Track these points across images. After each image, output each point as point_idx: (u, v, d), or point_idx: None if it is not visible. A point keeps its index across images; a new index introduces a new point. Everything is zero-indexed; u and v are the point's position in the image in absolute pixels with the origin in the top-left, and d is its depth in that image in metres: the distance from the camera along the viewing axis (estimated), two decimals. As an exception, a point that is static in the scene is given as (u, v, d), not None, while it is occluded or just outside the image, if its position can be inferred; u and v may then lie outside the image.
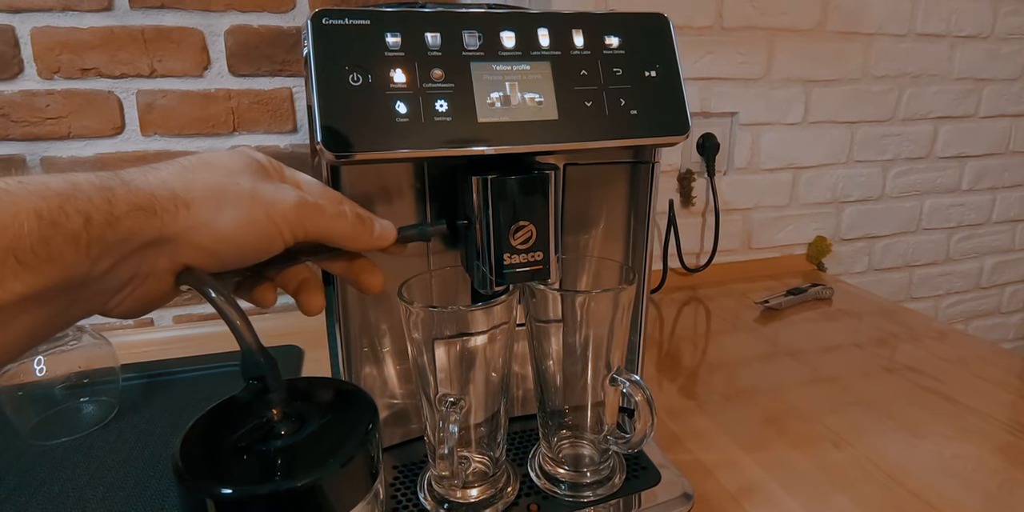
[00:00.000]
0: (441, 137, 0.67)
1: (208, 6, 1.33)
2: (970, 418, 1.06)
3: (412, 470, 0.88)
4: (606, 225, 0.94)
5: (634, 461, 0.90)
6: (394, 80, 0.66)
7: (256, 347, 0.60)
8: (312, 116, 0.65)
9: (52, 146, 1.33)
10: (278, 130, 1.43)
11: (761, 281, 1.74)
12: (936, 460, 0.96)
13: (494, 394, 0.79)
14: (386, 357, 0.90)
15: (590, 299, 0.78)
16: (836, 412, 1.08)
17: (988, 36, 1.91)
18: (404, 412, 0.93)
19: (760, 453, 0.98)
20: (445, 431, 0.70)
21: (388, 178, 0.81)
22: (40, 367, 1.00)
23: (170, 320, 1.50)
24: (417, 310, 0.72)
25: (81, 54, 1.30)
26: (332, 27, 0.66)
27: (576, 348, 0.80)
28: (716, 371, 1.25)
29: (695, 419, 1.07)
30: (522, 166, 0.74)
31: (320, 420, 0.64)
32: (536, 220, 0.73)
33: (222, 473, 0.57)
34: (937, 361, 1.26)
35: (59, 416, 1.03)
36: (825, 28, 1.70)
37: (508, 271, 0.74)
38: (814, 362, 1.27)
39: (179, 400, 1.11)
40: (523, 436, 0.95)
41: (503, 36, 0.71)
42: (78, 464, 0.94)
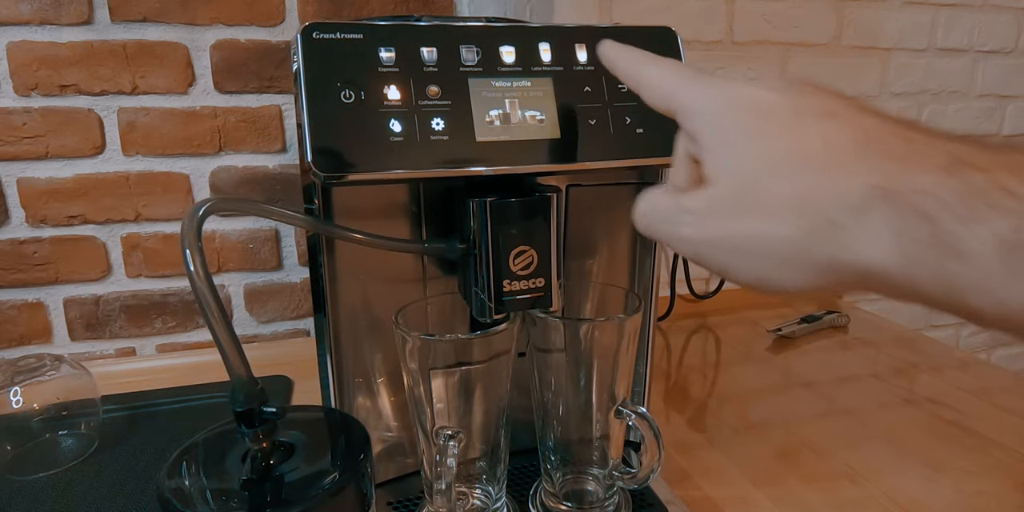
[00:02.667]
0: (437, 157, 0.67)
1: (193, 20, 1.34)
2: (994, 452, 1.06)
3: (408, 507, 0.88)
4: (610, 250, 0.94)
5: (640, 497, 0.90)
6: (388, 97, 0.67)
7: (247, 377, 0.60)
8: (302, 135, 0.65)
9: (29, 167, 1.33)
10: (266, 150, 1.44)
11: (773, 308, 1.74)
12: (958, 497, 0.96)
13: (494, 427, 0.79)
14: (380, 388, 0.90)
15: (594, 328, 0.78)
16: (852, 446, 1.08)
17: (1012, 51, 1.92)
18: (399, 445, 0.93)
19: (773, 489, 0.98)
20: (442, 465, 0.70)
21: (382, 200, 0.81)
22: (16, 399, 1.00)
23: (153, 349, 1.50)
24: (413, 339, 0.73)
25: (59, 70, 1.30)
26: (323, 42, 0.66)
27: (579, 379, 0.80)
28: (726, 403, 1.25)
29: (704, 453, 1.07)
30: (523, 188, 0.75)
31: (309, 449, 0.64)
32: (537, 245, 0.74)
33: (209, 506, 0.57)
34: (958, 392, 1.26)
35: (36, 450, 1.03)
36: (841, 42, 1.71)
37: (508, 298, 0.74)
38: (829, 393, 1.27)
39: (163, 433, 1.11)
40: (524, 471, 0.95)
41: (502, 51, 0.71)
42: (56, 500, 0.94)
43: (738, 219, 0.45)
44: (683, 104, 0.50)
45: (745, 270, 0.47)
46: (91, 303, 1.43)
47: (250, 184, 1.44)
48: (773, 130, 0.45)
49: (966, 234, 0.36)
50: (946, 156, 0.38)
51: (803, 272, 0.44)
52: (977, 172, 0.37)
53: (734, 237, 0.46)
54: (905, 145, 0.40)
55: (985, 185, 0.36)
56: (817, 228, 0.42)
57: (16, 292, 1.39)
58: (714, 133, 0.48)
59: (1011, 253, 0.35)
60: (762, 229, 0.44)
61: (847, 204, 0.40)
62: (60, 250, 1.39)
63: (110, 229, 1.40)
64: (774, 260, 0.45)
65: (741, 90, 0.48)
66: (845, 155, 0.41)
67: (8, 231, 1.35)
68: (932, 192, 0.37)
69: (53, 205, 1.36)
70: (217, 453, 0.64)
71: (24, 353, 1.24)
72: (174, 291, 1.47)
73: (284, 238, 1.50)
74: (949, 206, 0.37)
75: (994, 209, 0.36)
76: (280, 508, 0.57)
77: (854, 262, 0.41)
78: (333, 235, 0.75)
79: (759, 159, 0.45)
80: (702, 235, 0.48)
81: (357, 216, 0.79)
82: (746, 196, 0.45)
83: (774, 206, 0.43)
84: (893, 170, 0.39)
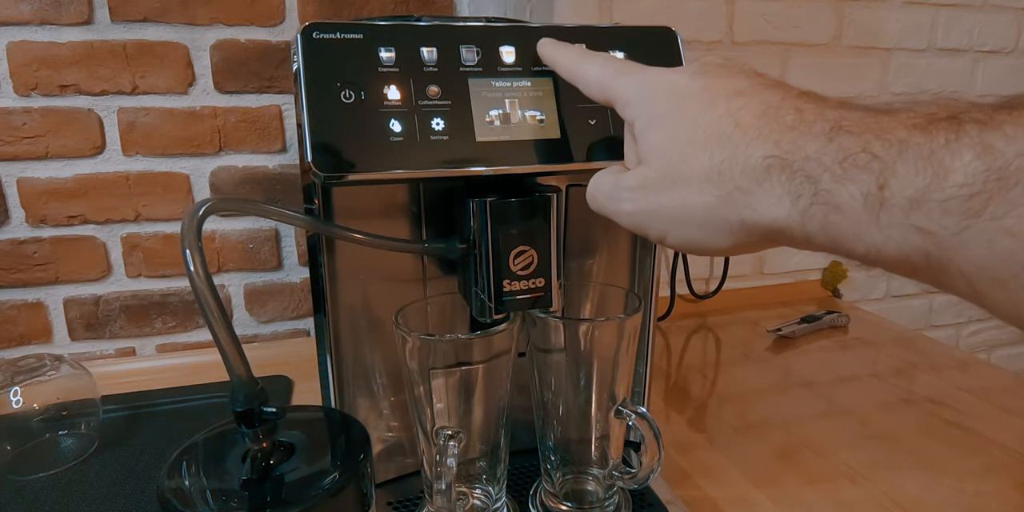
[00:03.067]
0: (437, 157, 0.67)
1: (193, 20, 1.34)
2: (994, 452, 1.06)
3: (407, 506, 0.88)
4: (610, 250, 0.94)
5: (640, 497, 0.90)
6: (388, 97, 0.67)
7: (247, 377, 0.60)
8: (302, 135, 0.65)
9: (29, 167, 1.33)
10: (266, 150, 1.44)
11: (774, 308, 1.74)
12: (958, 497, 0.96)
13: (494, 427, 0.79)
14: (380, 388, 0.90)
15: (594, 328, 0.78)
16: (852, 446, 1.08)
17: (1012, 51, 1.92)
18: (399, 445, 0.93)
19: (773, 489, 0.98)
20: (442, 465, 0.70)
21: (382, 200, 0.81)
22: (16, 399, 1.00)
23: (153, 349, 1.51)
24: (413, 339, 0.73)
25: (59, 70, 1.31)
26: (323, 42, 0.66)
27: (579, 379, 0.80)
28: (726, 403, 1.25)
29: (704, 453, 1.07)
30: (523, 188, 0.75)
31: (309, 449, 0.64)
32: (537, 245, 0.74)
33: (209, 506, 0.57)
34: (959, 392, 1.26)
35: (36, 450, 1.03)
36: (840, 43, 1.71)
37: (508, 298, 0.74)
38: (829, 393, 1.27)
39: (163, 433, 1.11)
40: (524, 471, 0.95)
41: (503, 51, 0.71)
42: (56, 501, 0.94)
43: (667, 192, 0.54)
44: (617, 95, 0.59)
45: (677, 235, 0.55)
46: (91, 303, 1.43)
47: (250, 184, 1.44)
48: (690, 113, 0.53)
49: (841, 191, 0.43)
50: (830, 123, 0.45)
51: (722, 233, 0.52)
52: (851, 137, 0.44)
53: (665, 208, 0.54)
54: (796, 116, 0.47)
55: (856, 149, 0.43)
56: (729, 195, 0.49)
57: (16, 292, 1.39)
58: (643, 119, 0.56)
59: (874, 205, 0.42)
60: (686, 199, 0.52)
61: (751, 173, 0.48)
62: (60, 250, 1.39)
63: (110, 229, 1.40)
64: (698, 225, 0.52)
65: (662, 78, 0.57)
66: (749, 130, 0.49)
67: (8, 231, 1.35)
68: (815, 158, 0.45)
69: (53, 205, 1.36)
70: (217, 453, 0.64)
71: (24, 353, 1.24)
72: (174, 291, 1.47)
73: (284, 238, 1.50)
74: (829, 169, 0.44)
75: (861, 170, 0.42)
76: (280, 508, 0.57)
77: (760, 221, 0.48)
78: (333, 235, 0.75)
79: (680, 140, 0.53)
80: (639, 208, 0.56)
81: (357, 216, 0.79)
82: (672, 172, 0.53)
83: (694, 179, 0.51)
84: (784, 140, 0.46)
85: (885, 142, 0.42)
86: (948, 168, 0.39)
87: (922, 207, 0.40)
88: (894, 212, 0.41)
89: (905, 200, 0.41)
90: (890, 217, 0.42)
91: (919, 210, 0.40)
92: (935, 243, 0.40)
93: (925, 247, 0.41)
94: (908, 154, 0.41)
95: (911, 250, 0.42)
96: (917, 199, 0.40)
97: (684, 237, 0.54)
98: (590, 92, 0.62)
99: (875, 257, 0.44)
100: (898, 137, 0.42)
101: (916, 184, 0.40)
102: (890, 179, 0.41)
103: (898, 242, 0.42)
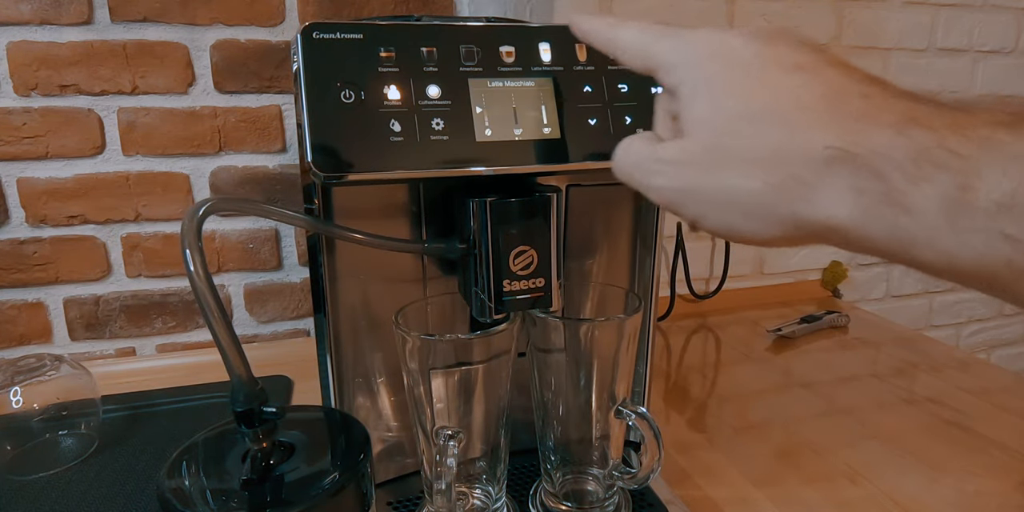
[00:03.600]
0: (437, 157, 0.67)
1: (193, 20, 1.34)
2: (994, 452, 1.06)
3: (407, 506, 0.88)
4: (610, 250, 0.94)
5: (640, 497, 0.90)
6: (388, 97, 0.67)
7: (247, 377, 0.60)
8: (302, 135, 0.65)
9: (29, 166, 1.33)
10: (267, 150, 1.44)
11: (774, 308, 1.74)
12: (958, 497, 0.96)
13: (494, 427, 0.79)
14: (380, 388, 0.90)
15: (594, 328, 0.78)
16: (852, 446, 1.08)
17: (1012, 51, 1.92)
18: (399, 445, 0.93)
19: (772, 489, 0.98)
20: (442, 465, 0.70)
21: (382, 200, 0.81)
22: (16, 399, 1.00)
23: (153, 349, 1.51)
24: (413, 339, 0.73)
25: (59, 70, 1.30)
26: (323, 42, 0.66)
27: (579, 379, 0.80)
28: (726, 403, 1.25)
29: (704, 453, 1.07)
30: (523, 188, 0.75)
31: (309, 449, 0.64)
32: (537, 245, 0.74)
33: (209, 506, 0.57)
34: (958, 392, 1.26)
35: (36, 450, 1.03)
36: (840, 42, 1.71)
37: (508, 298, 0.74)
38: (829, 393, 1.27)
39: (162, 433, 1.11)
40: (524, 471, 0.95)
41: (502, 51, 0.71)
42: (56, 500, 0.94)
43: (710, 171, 0.48)
44: (659, 60, 0.52)
45: (715, 219, 0.49)
46: (91, 303, 1.43)
47: (250, 184, 1.44)
48: (745, 84, 0.47)
49: (915, 192, 0.39)
50: (899, 114, 0.41)
51: (769, 224, 0.47)
52: (925, 131, 0.40)
53: (705, 188, 0.48)
54: (863, 102, 0.43)
55: (931, 145, 0.39)
56: (783, 183, 0.44)
57: (16, 292, 1.39)
58: (688, 85, 0.50)
59: (953, 209, 0.38)
60: (732, 182, 0.47)
61: (811, 162, 0.43)
62: (60, 250, 1.39)
63: (110, 229, 1.40)
64: (742, 212, 0.47)
65: (711, 38, 0.50)
66: (811, 114, 0.44)
67: (8, 231, 1.35)
68: (885, 153, 0.40)
69: (53, 205, 1.36)
70: (217, 453, 0.64)
71: (24, 353, 1.24)
72: (174, 291, 1.47)
73: (284, 238, 1.50)
74: (901, 166, 0.40)
75: (939, 169, 0.39)
76: (280, 508, 0.57)
77: (816, 217, 0.44)
78: (333, 235, 0.75)
79: (731, 114, 0.47)
80: (674, 184, 0.51)
81: (357, 216, 0.79)
82: (718, 149, 0.47)
83: (744, 160, 0.46)
84: (851, 129, 0.42)
85: (964, 138, 0.39)
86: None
87: (1012, 212, 0.37)
88: (977, 217, 0.38)
89: (992, 205, 0.38)
90: (972, 222, 0.38)
91: (1008, 215, 0.37)
92: (1022, 252, 0.38)
93: (1010, 255, 0.38)
94: (994, 153, 0.38)
95: (993, 259, 0.39)
96: (1006, 204, 0.37)
97: (724, 223, 0.49)
98: (628, 59, 0.55)
99: (944, 265, 0.41)
100: (980, 134, 0.39)
101: (1004, 187, 0.37)
102: (974, 180, 0.38)
103: (978, 249, 0.39)
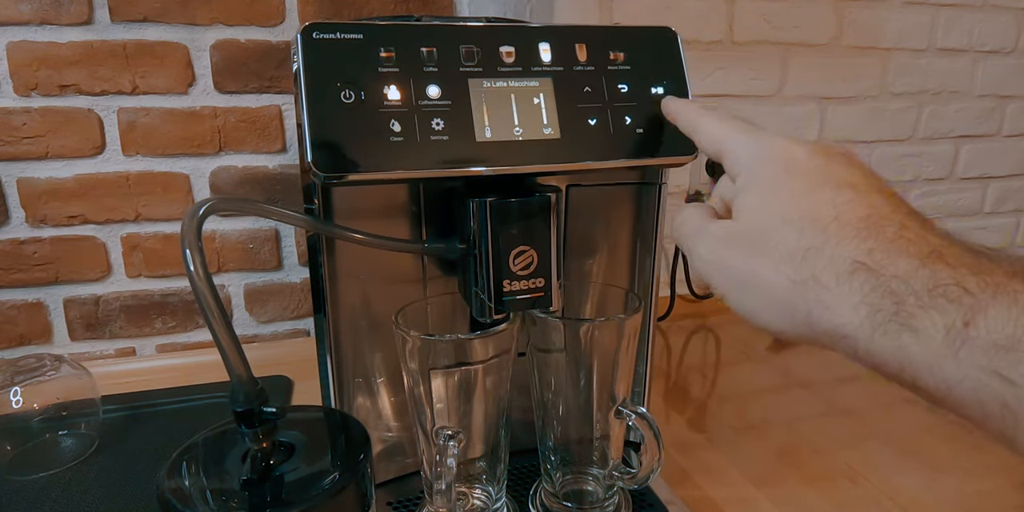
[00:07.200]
0: (437, 157, 0.67)
1: (193, 20, 1.34)
2: (994, 452, 1.05)
3: (407, 507, 0.88)
4: (610, 250, 0.94)
5: (640, 497, 0.90)
6: (388, 97, 0.67)
7: (247, 377, 0.60)
8: (302, 135, 0.65)
9: (29, 167, 1.33)
10: (266, 150, 1.44)
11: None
12: (958, 497, 0.96)
13: (493, 427, 0.79)
14: (380, 388, 0.90)
15: (594, 328, 0.78)
16: (853, 446, 1.08)
17: (1012, 51, 1.92)
18: (399, 445, 0.93)
19: (773, 489, 0.98)
20: (442, 465, 0.70)
21: (382, 200, 0.81)
22: (16, 399, 1.00)
23: (153, 349, 1.51)
24: (413, 339, 0.73)
25: (60, 70, 1.31)
26: (323, 42, 0.66)
27: (579, 379, 0.80)
28: (726, 403, 1.25)
29: (704, 453, 1.07)
30: (523, 188, 0.75)
31: (310, 449, 0.64)
32: (537, 245, 0.74)
33: (208, 506, 0.57)
34: (959, 392, 1.26)
35: (36, 450, 1.03)
36: (840, 43, 1.71)
37: (508, 298, 0.74)
38: (829, 393, 1.27)
39: (163, 433, 1.11)
40: (524, 471, 0.95)
41: (502, 51, 0.71)
42: (56, 500, 0.94)
43: (744, 255, 0.53)
44: (728, 149, 0.59)
45: (737, 300, 0.55)
46: (91, 303, 1.43)
47: (250, 184, 1.44)
48: (794, 188, 0.52)
49: (923, 316, 0.43)
50: (929, 249, 0.45)
51: (784, 317, 0.51)
52: (948, 268, 0.43)
53: (737, 269, 0.54)
54: (898, 231, 0.47)
55: (949, 281, 0.43)
56: (804, 283, 0.49)
57: (16, 292, 1.39)
58: (748, 178, 0.56)
59: (956, 340, 0.41)
60: (761, 270, 0.52)
61: (834, 270, 0.47)
62: (60, 250, 1.39)
63: (110, 229, 1.40)
64: (763, 299, 0.52)
65: (779, 143, 0.56)
66: (847, 229, 0.48)
67: (8, 231, 1.35)
68: (905, 279, 0.44)
69: (53, 205, 1.36)
70: (217, 453, 0.64)
71: (24, 353, 1.24)
72: (174, 291, 1.47)
73: (284, 238, 1.50)
74: (916, 293, 0.43)
75: (950, 302, 0.42)
76: (280, 508, 0.57)
77: (828, 320, 0.48)
78: (333, 235, 0.75)
79: (779, 211, 0.52)
80: (713, 258, 0.56)
81: (357, 216, 0.79)
82: (757, 238, 0.53)
83: (776, 254, 0.51)
84: (879, 250, 0.46)
85: (981, 281, 0.42)
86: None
87: (1009, 356, 0.39)
88: (976, 352, 0.41)
89: (991, 344, 0.40)
90: (971, 356, 0.41)
91: (1005, 358, 0.40)
92: (1016, 395, 0.40)
93: (1004, 396, 0.40)
94: (1003, 299, 0.41)
95: (987, 396, 0.41)
96: (1005, 346, 0.40)
97: (743, 305, 0.55)
98: (704, 144, 0.63)
99: (944, 394, 0.43)
100: (995, 280, 0.42)
101: (1006, 331, 0.40)
102: (979, 319, 0.41)
103: (974, 384, 0.41)
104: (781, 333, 0.53)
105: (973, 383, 0.41)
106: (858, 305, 0.46)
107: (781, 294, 0.50)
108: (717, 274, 0.56)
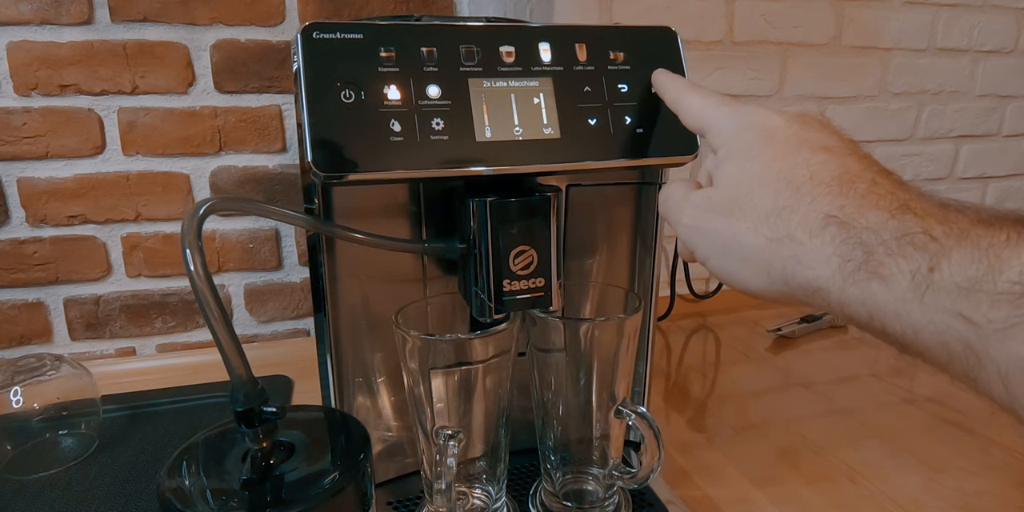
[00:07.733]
0: (437, 157, 0.67)
1: (193, 20, 1.34)
2: (994, 452, 1.06)
3: (407, 506, 0.88)
4: (610, 249, 0.94)
5: (640, 497, 0.90)
6: (388, 97, 0.66)
7: (247, 377, 0.60)
8: (302, 135, 0.65)
9: (29, 166, 1.33)
10: (267, 150, 1.44)
11: (773, 308, 1.73)
12: (958, 497, 0.96)
13: (494, 426, 0.79)
14: (380, 388, 0.90)
15: (594, 327, 0.78)
16: (852, 446, 1.08)
17: (1012, 51, 1.92)
18: (399, 445, 0.93)
19: (772, 489, 0.98)
20: (442, 465, 0.70)
21: (382, 199, 0.81)
22: (16, 398, 1.00)
23: (153, 349, 1.51)
24: (413, 338, 0.73)
25: (60, 70, 1.31)
26: (323, 41, 0.66)
27: (579, 379, 0.80)
28: (726, 403, 1.25)
29: (704, 453, 1.07)
30: (523, 188, 0.75)
31: (309, 449, 0.64)
32: (537, 245, 0.74)
33: (209, 506, 0.57)
34: (959, 392, 1.25)
35: (36, 450, 1.03)
36: (840, 42, 1.71)
37: (508, 298, 0.74)
38: (829, 393, 1.27)
39: (163, 433, 1.11)
40: (524, 471, 0.95)
41: (502, 51, 0.71)
42: (56, 500, 0.94)
43: (724, 219, 0.56)
44: (710, 124, 0.62)
45: (718, 263, 0.57)
46: (91, 303, 1.43)
47: (250, 184, 1.44)
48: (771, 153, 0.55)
49: (891, 264, 0.45)
50: (899, 202, 0.47)
51: (762, 276, 0.54)
52: (915, 218, 0.45)
53: (718, 233, 0.56)
54: (869, 187, 0.49)
55: (917, 230, 0.45)
56: (779, 241, 0.51)
57: (16, 292, 1.39)
58: (726, 148, 0.58)
59: (921, 284, 0.43)
60: (739, 232, 0.54)
61: (808, 225, 0.50)
62: (60, 250, 1.39)
63: (110, 229, 1.40)
64: (742, 260, 0.55)
65: (760, 114, 0.58)
66: (820, 186, 0.50)
67: (8, 231, 1.35)
68: (874, 229, 0.46)
69: (53, 205, 1.36)
70: (217, 453, 0.64)
71: (24, 353, 1.24)
72: (174, 291, 1.47)
73: (284, 238, 1.50)
74: (885, 242, 0.45)
75: (917, 249, 0.44)
76: (280, 508, 0.57)
77: (802, 275, 0.50)
78: (333, 235, 0.75)
79: (756, 175, 0.54)
80: (695, 224, 0.59)
81: (357, 216, 0.79)
82: (736, 202, 0.55)
83: (753, 215, 0.53)
84: (850, 205, 0.48)
85: (947, 229, 0.44)
86: (1005, 263, 0.41)
87: (970, 296, 0.41)
88: (940, 295, 0.42)
89: (954, 286, 0.42)
90: (935, 300, 0.43)
91: (967, 299, 0.41)
92: (978, 335, 0.41)
93: (966, 337, 0.41)
94: (966, 243, 0.42)
95: (951, 337, 0.42)
96: (967, 288, 0.41)
97: (724, 267, 0.57)
98: (688, 119, 0.65)
99: (911, 339, 0.45)
100: (960, 226, 0.43)
101: (968, 273, 0.41)
102: (943, 262, 0.43)
103: (939, 327, 0.43)
104: (762, 292, 0.55)
105: (938, 326, 0.43)
106: (830, 257, 0.48)
107: (759, 253, 0.53)
108: (701, 240, 0.59)
